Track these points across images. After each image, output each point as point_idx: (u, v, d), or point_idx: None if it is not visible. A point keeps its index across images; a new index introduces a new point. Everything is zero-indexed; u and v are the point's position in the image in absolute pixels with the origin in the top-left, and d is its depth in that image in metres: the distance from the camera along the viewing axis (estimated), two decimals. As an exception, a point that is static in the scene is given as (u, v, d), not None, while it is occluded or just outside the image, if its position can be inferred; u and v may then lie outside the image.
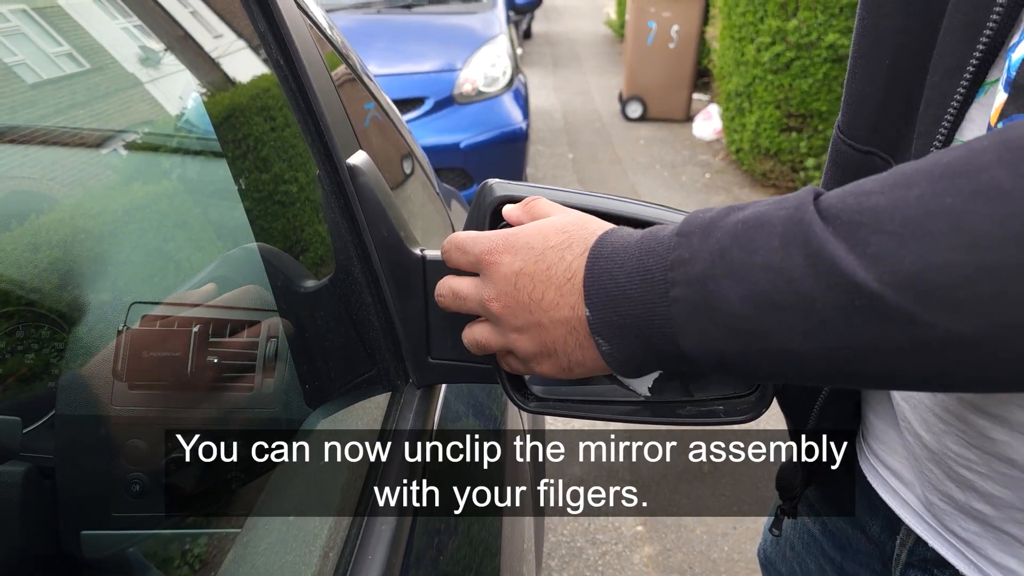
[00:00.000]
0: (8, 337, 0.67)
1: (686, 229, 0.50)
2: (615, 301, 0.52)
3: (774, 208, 0.47)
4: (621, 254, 0.53)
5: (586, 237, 0.57)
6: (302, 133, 0.78)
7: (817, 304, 0.44)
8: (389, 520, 0.68)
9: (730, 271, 0.47)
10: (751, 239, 0.46)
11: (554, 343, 0.58)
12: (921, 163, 0.44)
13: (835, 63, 4.85)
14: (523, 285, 0.58)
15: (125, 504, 0.68)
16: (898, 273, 0.41)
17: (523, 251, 0.59)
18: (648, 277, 0.50)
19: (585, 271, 0.54)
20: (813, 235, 0.44)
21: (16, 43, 0.73)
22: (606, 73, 9.57)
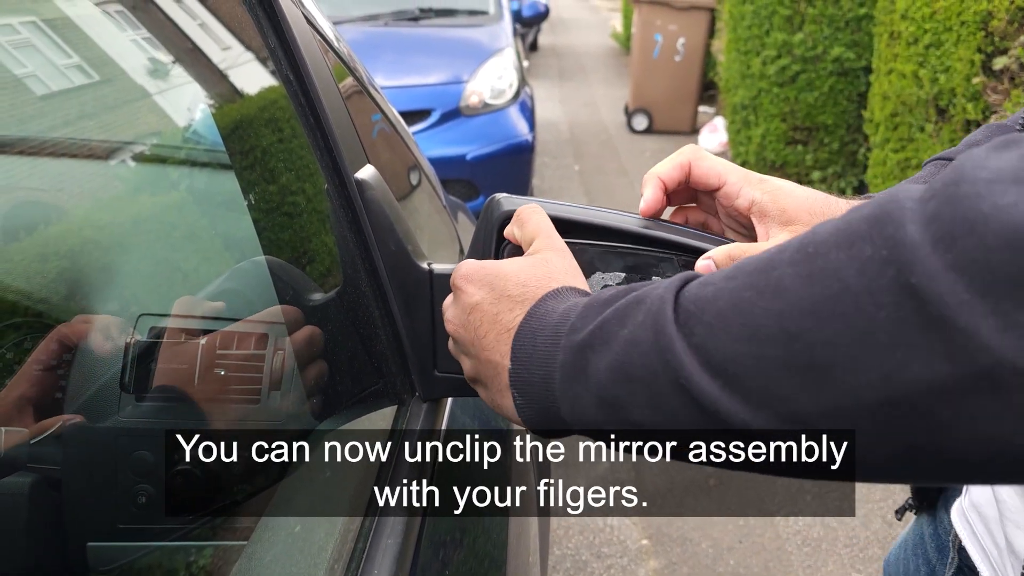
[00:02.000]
0: (16, 348, 0.67)
1: (592, 301, 0.53)
2: (530, 359, 0.54)
3: (654, 285, 0.50)
4: (548, 317, 0.55)
5: (538, 294, 0.59)
6: (311, 147, 0.79)
7: (658, 379, 0.45)
8: (395, 533, 0.68)
9: (603, 340, 0.49)
10: (627, 312, 0.49)
11: (485, 377, 0.61)
12: (761, 253, 0.46)
13: (841, 76, 4.85)
14: (473, 319, 0.61)
15: (131, 515, 0.67)
16: (710, 362, 0.43)
17: (485, 289, 0.61)
18: (554, 341, 0.53)
19: (519, 326, 0.57)
20: (663, 314, 0.46)
21: (26, 55, 0.74)
22: (612, 85, 9.60)
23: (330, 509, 0.73)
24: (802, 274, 0.41)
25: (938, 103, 3.29)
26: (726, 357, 0.42)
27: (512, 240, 0.68)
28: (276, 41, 0.77)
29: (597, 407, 0.49)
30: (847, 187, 5.10)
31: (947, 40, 3.17)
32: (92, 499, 0.67)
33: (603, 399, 0.49)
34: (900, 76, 3.58)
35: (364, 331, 0.80)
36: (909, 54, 3.48)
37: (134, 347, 0.70)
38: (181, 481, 0.70)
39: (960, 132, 3.13)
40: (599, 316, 0.51)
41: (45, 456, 0.64)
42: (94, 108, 0.85)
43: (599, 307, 0.51)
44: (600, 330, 0.50)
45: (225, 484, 0.72)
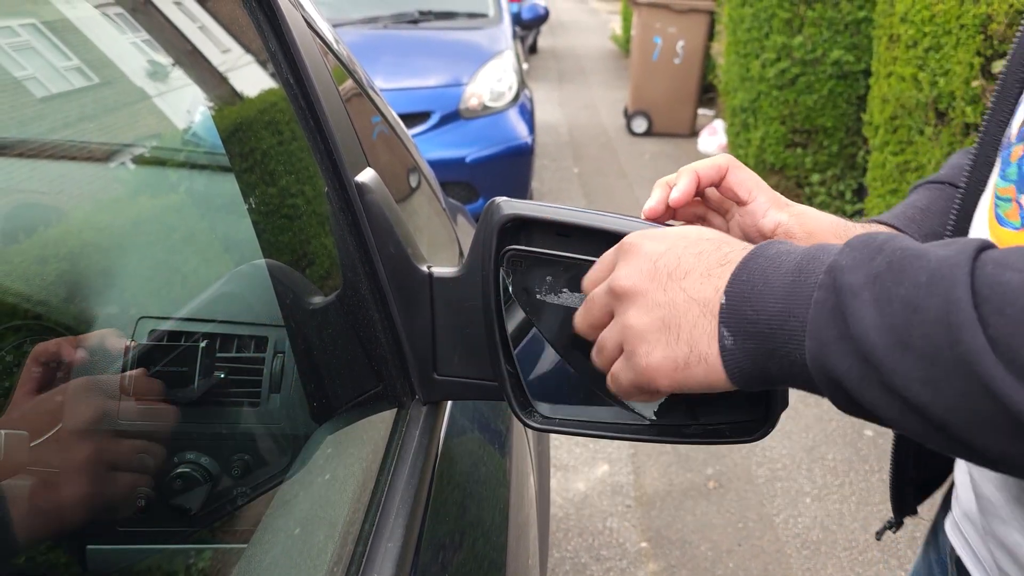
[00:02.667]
0: (15, 350, 0.67)
1: (856, 243, 0.48)
2: (757, 296, 0.50)
3: (940, 246, 0.46)
4: (782, 258, 0.51)
5: (745, 245, 0.55)
6: (311, 150, 0.79)
7: (941, 358, 0.42)
8: (395, 536, 0.68)
9: (874, 296, 0.45)
10: (902, 268, 0.45)
11: (680, 321, 0.53)
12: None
13: (840, 79, 4.86)
14: (667, 261, 0.55)
15: (131, 519, 0.67)
16: (1008, 359, 0.40)
17: (672, 238, 0.56)
18: (800, 278, 0.49)
19: (741, 262, 0.52)
20: (956, 283, 0.42)
21: (26, 57, 0.73)
22: (611, 88, 9.60)
23: (329, 512, 0.73)
24: None
25: (937, 106, 3.29)
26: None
27: (600, 267, 0.62)
28: (276, 44, 0.77)
29: (855, 363, 0.45)
30: (846, 190, 5.11)
31: (946, 43, 3.18)
32: (91, 502, 0.67)
33: (866, 357, 0.44)
34: (899, 79, 3.58)
35: (364, 334, 0.80)
36: (908, 57, 3.48)
37: (134, 350, 0.70)
38: (180, 484, 0.70)
39: (959, 135, 3.13)
40: (870, 262, 0.46)
41: (45, 459, 0.64)
42: (94, 110, 0.85)
43: (868, 251, 0.47)
44: (872, 282, 0.45)
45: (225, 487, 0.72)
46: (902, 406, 0.44)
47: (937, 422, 0.43)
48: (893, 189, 3.74)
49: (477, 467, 1.03)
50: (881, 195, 3.87)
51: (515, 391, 0.72)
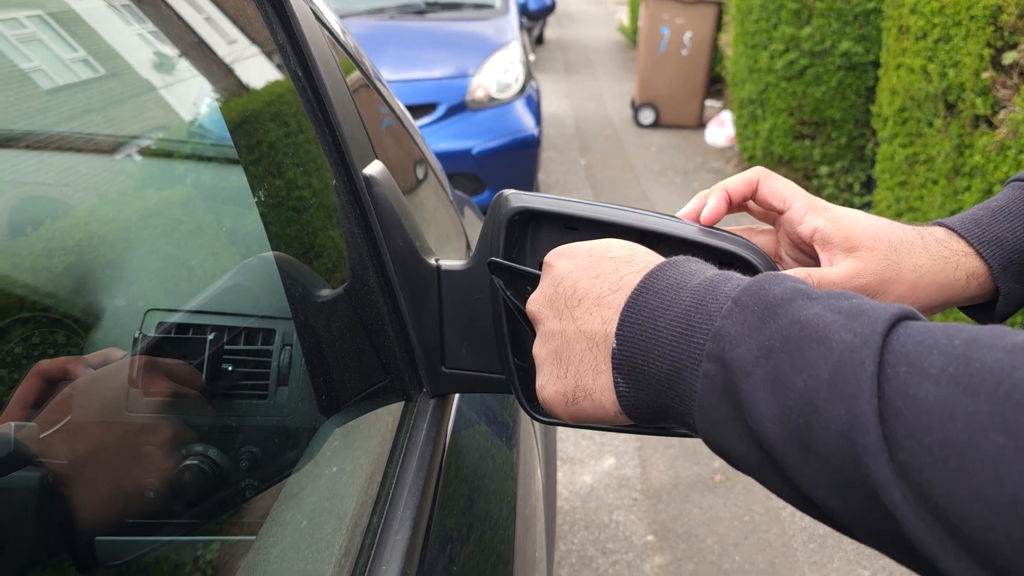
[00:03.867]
0: (23, 342, 0.67)
1: (746, 300, 0.43)
2: (646, 346, 0.46)
3: (844, 322, 0.39)
4: (672, 295, 0.47)
5: (650, 260, 0.51)
6: (318, 142, 0.78)
7: (845, 472, 0.37)
8: (403, 528, 0.68)
9: (769, 377, 0.40)
10: (800, 351, 0.39)
11: (569, 354, 0.52)
12: (1001, 353, 0.35)
13: (849, 71, 4.83)
14: (565, 287, 0.53)
15: (139, 510, 0.67)
16: (928, 502, 0.34)
17: (580, 257, 0.54)
18: (687, 335, 0.44)
19: (632, 296, 0.48)
20: (861, 391, 0.36)
21: (32, 49, 0.73)
22: (618, 79, 9.58)
23: (337, 504, 0.73)
24: None
25: (947, 98, 3.27)
26: (959, 512, 0.33)
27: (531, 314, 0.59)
28: (284, 35, 0.77)
29: (751, 449, 0.41)
30: (855, 182, 5.09)
31: (956, 35, 3.15)
32: (100, 494, 0.67)
33: (765, 452, 0.40)
34: (909, 71, 3.56)
35: (371, 327, 0.80)
36: (918, 48, 3.46)
37: (141, 342, 0.70)
38: (189, 476, 0.70)
39: (969, 127, 3.12)
40: (760, 331, 0.41)
41: (54, 451, 0.64)
42: (100, 102, 0.85)
43: (758, 313, 0.42)
44: (765, 357, 0.40)
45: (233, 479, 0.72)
46: (804, 501, 0.40)
47: (843, 525, 0.40)
48: (902, 181, 3.73)
49: (484, 460, 1.03)
50: (890, 187, 3.85)
51: (523, 384, 0.72)
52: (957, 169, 3.22)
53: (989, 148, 2.94)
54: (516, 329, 0.72)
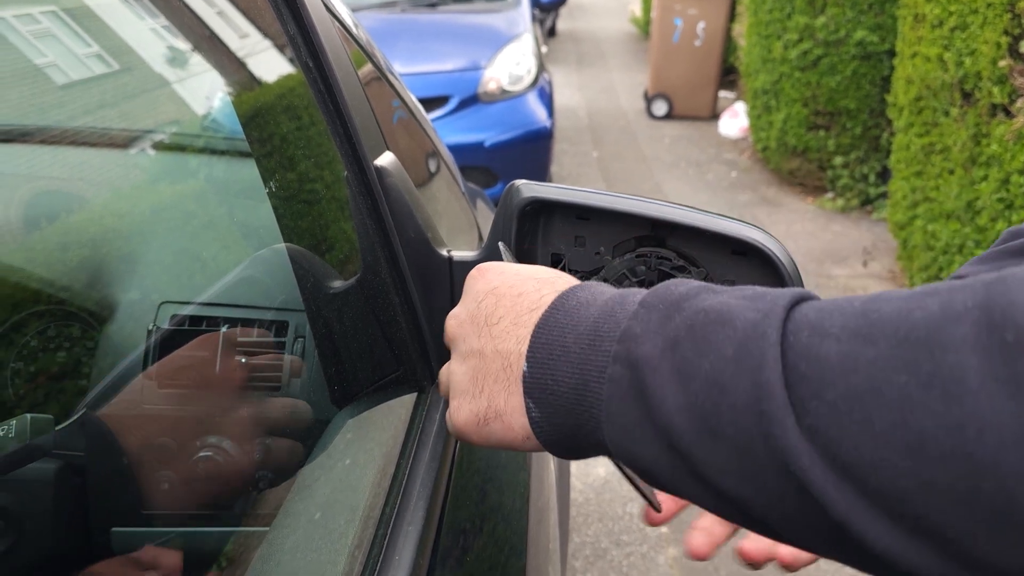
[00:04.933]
0: (39, 336, 0.68)
1: (652, 300, 0.42)
2: (555, 363, 0.44)
3: (747, 304, 0.39)
4: (582, 311, 0.45)
5: (571, 282, 0.50)
6: (330, 135, 0.79)
7: (754, 451, 0.35)
8: (415, 519, 0.68)
9: (674, 367, 0.38)
10: (705, 336, 0.38)
11: (485, 373, 0.49)
12: (898, 302, 0.34)
13: (863, 60, 4.79)
14: (487, 304, 0.50)
15: (155, 501, 0.68)
16: (836, 460, 0.33)
17: (507, 274, 0.52)
18: (595, 345, 0.42)
19: (544, 315, 0.46)
20: (765, 360, 0.36)
21: (46, 44, 0.74)
22: (631, 71, 9.54)
23: (350, 496, 0.73)
24: (999, 377, 0.29)
25: (963, 87, 3.24)
26: (867, 464, 0.32)
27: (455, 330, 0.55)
28: (296, 28, 0.77)
29: (661, 450, 0.39)
30: (870, 172, 5.05)
31: (973, 22, 3.12)
32: (116, 485, 0.68)
33: (672, 445, 0.39)
34: (924, 59, 3.53)
35: (384, 318, 0.80)
36: (934, 37, 3.42)
37: (156, 334, 0.70)
38: (203, 468, 0.70)
39: (986, 116, 3.08)
40: (665, 325, 0.40)
41: (70, 443, 0.65)
42: (114, 97, 0.85)
43: (663, 310, 0.41)
44: (670, 349, 0.39)
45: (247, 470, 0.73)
46: (718, 499, 0.38)
47: (757, 518, 0.38)
48: (918, 171, 3.70)
49: (497, 452, 1.03)
50: (905, 177, 3.82)
51: None
52: (974, 158, 3.19)
53: (1006, 137, 2.91)
54: None
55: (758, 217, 5.05)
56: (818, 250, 4.56)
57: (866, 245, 4.52)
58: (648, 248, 0.68)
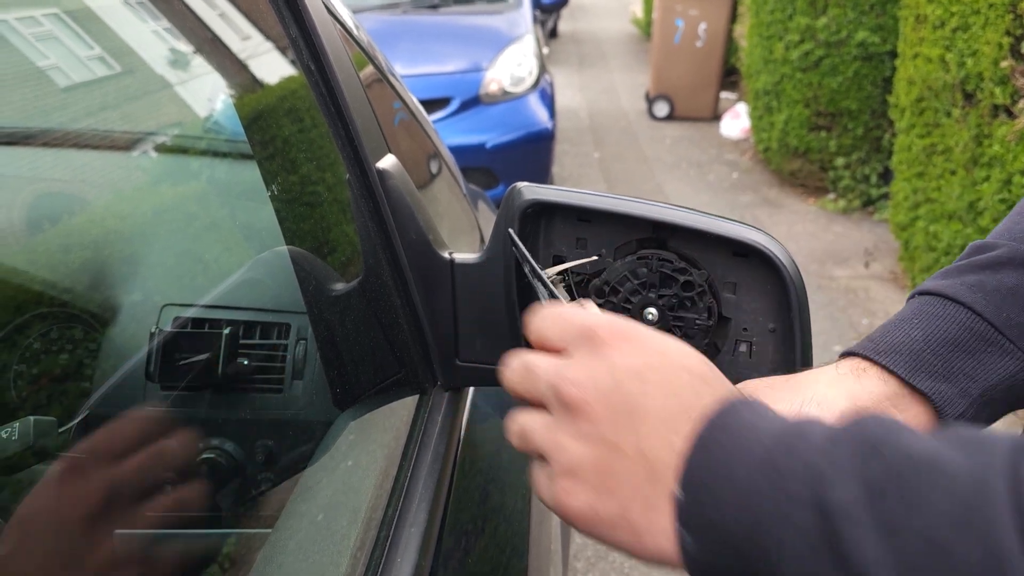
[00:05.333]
0: (42, 338, 0.68)
1: (842, 436, 0.38)
2: (721, 491, 0.40)
3: (958, 451, 0.35)
4: (750, 436, 0.40)
5: (728, 388, 0.45)
6: (332, 137, 0.79)
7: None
8: (418, 521, 0.68)
9: (878, 521, 0.35)
10: (915, 486, 0.35)
11: (619, 474, 0.43)
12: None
13: (865, 61, 4.79)
14: (630, 388, 0.44)
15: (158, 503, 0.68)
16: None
17: (651, 354, 0.45)
18: (772, 481, 0.38)
19: (701, 435, 0.41)
20: (997, 523, 0.32)
21: (48, 47, 0.74)
22: (632, 72, 9.53)
23: (353, 498, 0.73)
24: None
25: (965, 87, 3.24)
26: None
27: (540, 333, 0.51)
28: (297, 30, 0.77)
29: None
30: (872, 173, 5.05)
31: (974, 23, 3.12)
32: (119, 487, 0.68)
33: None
34: (926, 60, 3.53)
35: (385, 320, 0.80)
36: (935, 38, 3.42)
37: (158, 337, 0.70)
38: (206, 470, 0.70)
39: (987, 117, 3.08)
40: (863, 470, 0.36)
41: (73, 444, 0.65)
42: (116, 99, 0.85)
43: (858, 450, 0.37)
44: (872, 499, 0.35)
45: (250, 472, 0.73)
46: None
47: None
48: (920, 172, 3.69)
49: (499, 453, 1.03)
50: (907, 178, 3.82)
51: None
52: (976, 159, 3.19)
53: (1008, 138, 2.91)
54: None
55: (759, 218, 5.05)
56: (819, 251, 4.55)
57: (868, 246, 4.52)
58: (649, 250, 0.68)
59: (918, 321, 0.61)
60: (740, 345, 0.69)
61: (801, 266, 0.68)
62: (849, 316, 3.85)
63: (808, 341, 0.65)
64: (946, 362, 0.59)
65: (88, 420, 0.66)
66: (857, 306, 3.94)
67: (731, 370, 0.69)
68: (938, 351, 0.59)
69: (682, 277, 0.67)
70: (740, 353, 0.69)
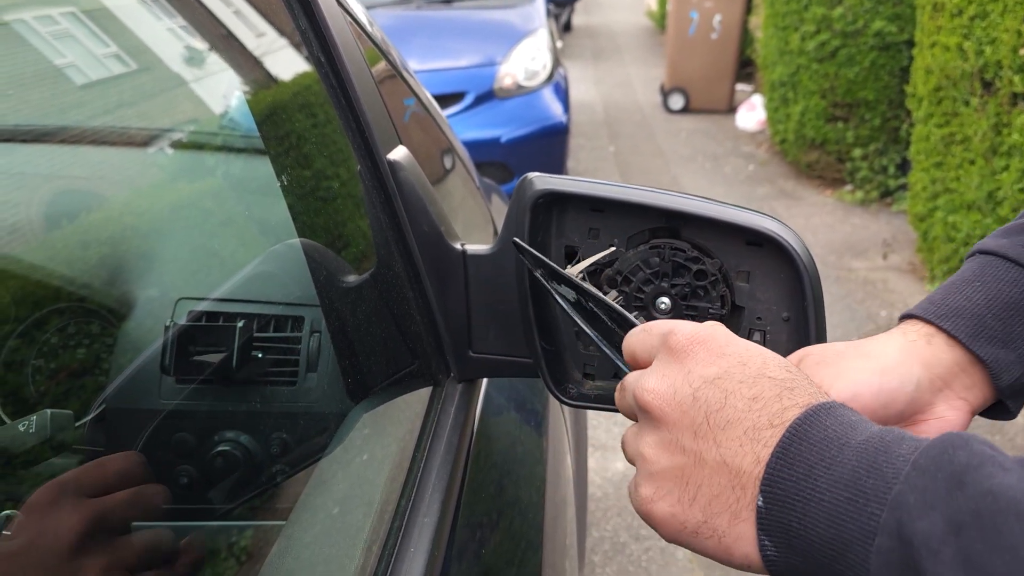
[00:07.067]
0: (60, 333, 0.69)
1: (926, 463, 0.38)
2: (804, 505, 0.40)
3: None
4: (833, 450, 0.40)
5: (812, 392, 0.45)
6: (343, 129, 0.79)
7: None
8: (431, 512, 0.68)
9: (961, 558, 0.35)
10: (997, 527, 0.35)
11: (701, 482, 0.44)
12: None
13: (882, 51, 4.75)
14: (708, 397, 0.45)
15: (173, 496, 0.69)
16: None
17: (731, 361, 0.46)
18: (856, 502, 0.38)
19: (783, 443, 0.42)
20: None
21: (65, 45, 0.74)
22: (647, 65, 9.49)
23: (367, 489, 0.74)
24: None
25: (984, 76, 3.20)
26: None
27: (631, 350, 0.53)
28: (306, 21, 0.77)
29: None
30: (889, 164, 5.00)
31: (993, 11, 3.08)
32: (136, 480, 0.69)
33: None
34: (944, 49, 3.49)
35: (398, 312, 0.80)
36: (953, 26, 3.39)
37: (173, 330, 0.71)
38: (221, 462, 0.71)
39: (1006, 105, 3.05)
40: (947, 502, 0.36)
41: (90, 438, 0.65)
42: (132, 97, 0.86)
43: (942, 480, 0.37)
44: (953, 534, 0.35)
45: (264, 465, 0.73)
46: None
47: None
48: (938, 162, 3.66)
49: (514, 446, 1.03)
50: (925, 168, 3.78)
51: (550, 367, 0.72)
52: (995, 148, 3.15)
53: (1028, 126, 2.88)
54: (543, 312, 0.72)
55: (776, 210, 5.02)
56: (837, 243, 4.52)
57: (886, 237, 4.48)
58: (662, 239, 0.68)
59: (980, 284, 0.60)
60: (754, 334, 0.68)
61: (819, 258, 0.68)
62: (867, 308, 3.82)
63: (823, 329, 0.65)
64: (1007, 326, 0.58)
65: (104, 414, 0.67)
66: (875, 298, 3.91)
67: None
68: (1000, 315, 0.58)
69: (695, 266, 0.67)
70: (754, 342, 0.69)
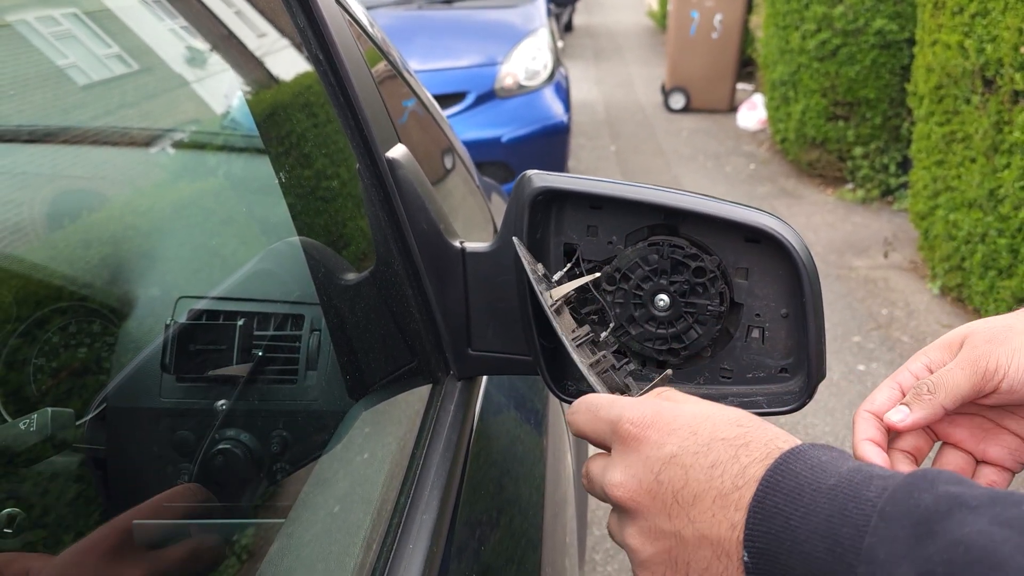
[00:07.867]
0: (61, 331, 0.69)
1: (893, 511, 0.38)
2: (788, 558, 0.40)
3: (1015, 541, 0.35)
4: (806, 497, 0.40)
5: (767, 441, 0.45)
6: (342, 128, 0.79)
7: None
8: (430, 508, 0.68)
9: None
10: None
11: (688, 560, 0.44)
12: None
13: (883, 49, 4.74)
14: (670, 478, 0.45)
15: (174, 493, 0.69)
16: None
17: (682, 433, 0.46)
18: (835, 553, 0.38)
19: (755, 499, 0.42)
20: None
21: (67, 46, 0.75)
22: (648, 64, 9.49)
23: (366, 487, 0.74)
24: None
25: (985, 74, 3.20)
26: None
27: (581, 433, 0.53)
28: (307, 24, 0.78)
29: None
30: (890, 162, 5.00)
31: (994, 8, 3.08)
32: (136, 478, 0.69)
33: None
34: (945, 47, 3.49)
35: (397, 310, 0.80)
36: (954, 24, 3.38)
37: (173, 329, 0.71)
38: (222, 460, 0.71)
39: (1008, 103, 3.05)
40: (916, 551, 0.36)
41: (91, 436, 0.66)
42: (134, 97, 0.86)
43: (910, 529, 0.37)
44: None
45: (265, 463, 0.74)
46: None
47: None
48: (939, 160, 3.66)
49: (513, 444, 1.03)
50: (926, 167, 3.78)
51: (549, 365, 0.73)
52: (996, 146, 3.15)
53: (1029, 124, 2.88)
54: (542, 310, 0.72)
55: (778, 209, 5.02)
56: (839, 241, 4.52)
57: (887, 235, 4.48)
58: (660, 236, 0.68)
59: None
60: (752, 331, 0.69)
61: (820, 256, 0.68)
62: (868, 306, 3.82)
63: (821, 325, 0.65)
64: None
65: (104, 412, 0.67)
66: (876, 296, 3.91)
67: (743, 356, 0.69)
68: None
69: (694, 263, 0.67)
70: (752, 339, 0.69)
